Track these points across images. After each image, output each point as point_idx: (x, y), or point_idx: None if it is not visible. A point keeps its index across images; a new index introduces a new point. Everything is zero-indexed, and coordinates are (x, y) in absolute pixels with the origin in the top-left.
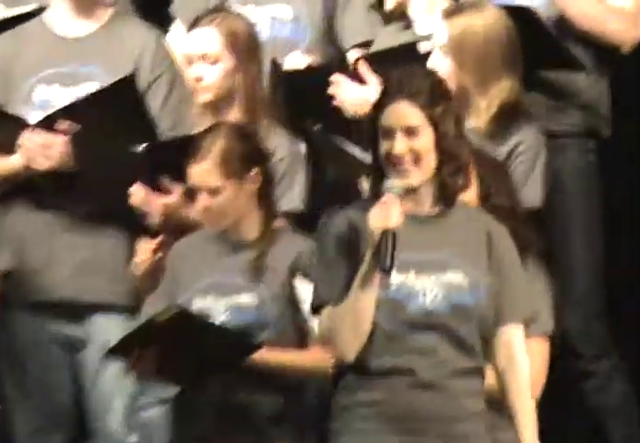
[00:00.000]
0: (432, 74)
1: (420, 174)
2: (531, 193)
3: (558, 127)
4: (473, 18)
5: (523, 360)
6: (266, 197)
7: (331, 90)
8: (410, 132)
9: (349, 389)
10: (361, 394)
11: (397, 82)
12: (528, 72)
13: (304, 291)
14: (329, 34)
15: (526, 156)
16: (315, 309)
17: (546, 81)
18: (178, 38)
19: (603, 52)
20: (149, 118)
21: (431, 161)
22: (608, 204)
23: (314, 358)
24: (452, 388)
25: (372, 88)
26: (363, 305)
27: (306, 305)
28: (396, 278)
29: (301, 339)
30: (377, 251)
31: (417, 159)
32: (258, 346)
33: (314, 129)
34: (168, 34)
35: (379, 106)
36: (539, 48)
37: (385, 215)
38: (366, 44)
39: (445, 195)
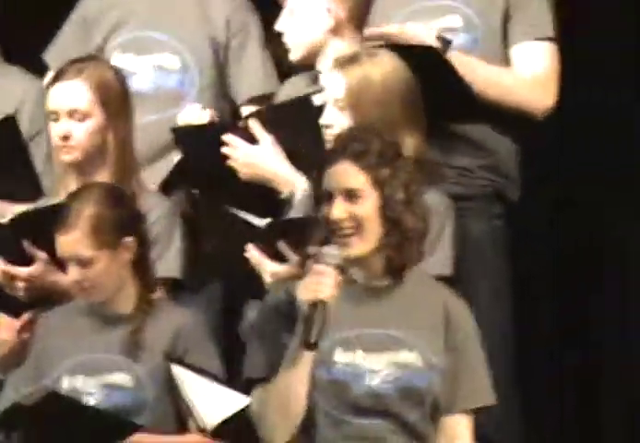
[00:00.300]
0: (382, 134)
1: (363, 245)
2: (441, 260)
3: (464, 190)
4: (370, 68)
5: None
6: (142, 266)
7: (225, 150)
8: (352, 196)
9: None
10: None
11: (341, 141)
12: (431, 125)
13: (183, 375)
14: (220, 86)
15: (432, 222)
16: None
17: (452, 141)
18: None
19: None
20: (34, 170)
21: (375, 229)
22: (519, 269)
23: None
24: None
25: (264, 147)
26: (292, 383)
27: (186, 388)
28: (341, 357)
29: (181, 423)
30: (307, 326)
31: (358, 227)
32: (136, 428)
33: (194, 193)
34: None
35: (322, 168)
36: (442, 95)
37: (317, 286)
38: (262, 98)
39: (392, 268)
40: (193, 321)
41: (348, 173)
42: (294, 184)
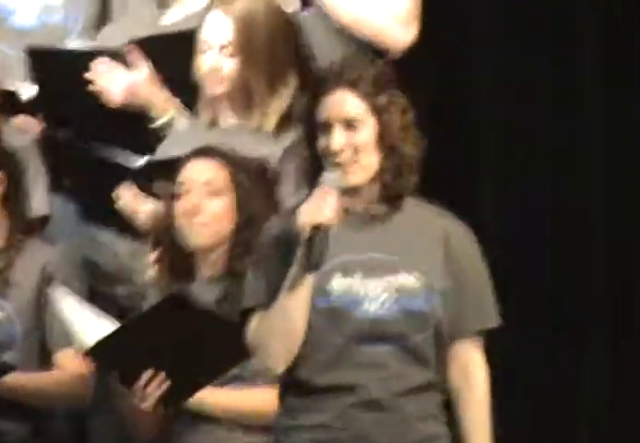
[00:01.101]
0: (375, 60)
1: (362, 173)
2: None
3: None
4: (250, 2)
5: (480, 380)
6: (11, 202)
7: (90, 75)
8: (350, 124)
9: (291, 410)
10: (304, 416)
11: (336, 69)
12: None
13: (61, 298)
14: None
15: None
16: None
17: None
18: None
19: None
20: None
21: (373, 156)
22: None
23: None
24: (405, 408)
25: (142, 72)
26: (293, 308)
27: (65, 314)
28: (339, 283)
29: (44, 360)
30: (308, 249)
31: (357, 155)
32: (9, 368)
33: (60, 133)
34: None
35: (315, 96)
36: None
37: (318, 209)
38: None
39: (389, 195)
40: (60, 258)
41: (346, 102)
42: (171, 110)
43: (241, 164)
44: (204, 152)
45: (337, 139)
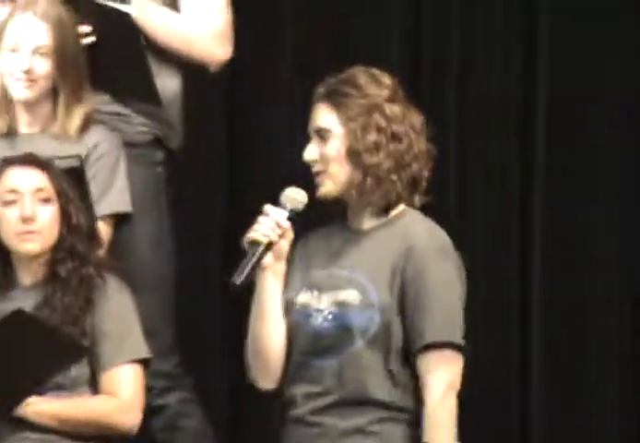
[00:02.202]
0: (354, 76)
1: (330, 184)
2: (118, 196)
3: (124, 137)
4: (51, 5)
5: (432, 391)
6: None
7: None
8: (322, 136)
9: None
10: (282, 429)
11: (324, 85)
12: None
13: None
14: None
15: (108, 158)
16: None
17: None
18: None
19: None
20: None
21: (343, 168)
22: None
23: None
24: (325, 426)
25: None
26: (253, 323)
27: None
28: (302, 297)
29: None
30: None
31: (327, 165)
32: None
33: None
34: None
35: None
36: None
37: (260, 226)
38: None
39: (374, 208)
40: None
41: (320, 113)
42: None
43: (59, 172)
44: (25, 160)
45: (308, 150)
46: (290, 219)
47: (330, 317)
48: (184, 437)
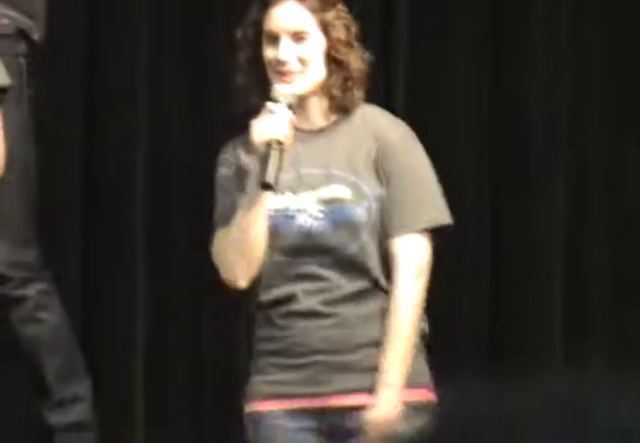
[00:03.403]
0: None
1: (308, 83)
2: None
3: None
4: None
5: (404, 276)
6: None
7: None
8: (298, 37)
9: (256, 325)
10: (258, 330)
11: None
12: None
13: None
14: None
15: None
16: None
17: None
18: None
19: None
20: None
21: (320, 69)
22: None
23: None
24: (342, 315)
25: None
26: (248, 224)
27: None
28: (274, 204)
29: None
30: (262, 166)
31: (304, 66)
32: None
33: None
34: None
35: (263, 8)
36: None
37: (271, 124)
38: None
39: (335, 107)
40: None
41: (295, 14)
42: None
43: None
44: None
45: (285, 49)
46: None
47: (321, 215)
48: (43, 329)
